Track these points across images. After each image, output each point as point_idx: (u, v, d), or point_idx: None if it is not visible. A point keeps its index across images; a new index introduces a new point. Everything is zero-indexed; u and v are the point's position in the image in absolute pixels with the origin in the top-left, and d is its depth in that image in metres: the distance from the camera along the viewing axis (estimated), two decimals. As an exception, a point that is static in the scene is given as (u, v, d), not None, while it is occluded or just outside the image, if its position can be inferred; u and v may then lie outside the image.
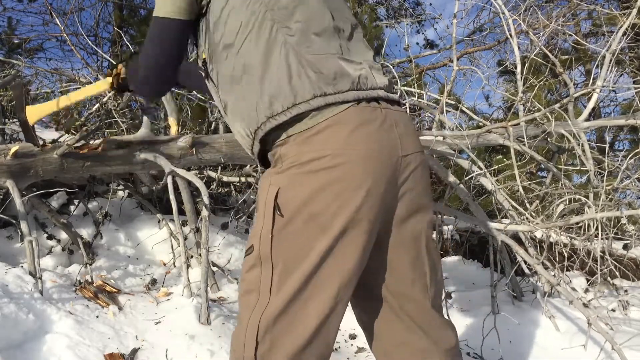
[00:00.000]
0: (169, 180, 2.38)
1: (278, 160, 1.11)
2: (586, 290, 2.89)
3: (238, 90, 1.16)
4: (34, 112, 1.92)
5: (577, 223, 2.23)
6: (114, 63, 1.81)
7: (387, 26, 6.02)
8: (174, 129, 2.79)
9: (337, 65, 1.11)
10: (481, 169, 2.45)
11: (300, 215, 1.05)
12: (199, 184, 2.24)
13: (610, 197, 2.32)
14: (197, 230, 2.72)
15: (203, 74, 1.27)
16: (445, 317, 1.27)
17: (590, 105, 2.54)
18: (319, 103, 1.06)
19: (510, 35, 2.46)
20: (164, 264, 3.00)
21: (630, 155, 2.34)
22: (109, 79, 1.68)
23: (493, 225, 2.37)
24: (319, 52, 1.11)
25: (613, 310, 2.71)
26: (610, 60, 2.43)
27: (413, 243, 1.17)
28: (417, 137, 1.20)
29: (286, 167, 1.08)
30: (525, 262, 2.44)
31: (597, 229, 2.24)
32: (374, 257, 1.14)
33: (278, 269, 1.07)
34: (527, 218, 2.30)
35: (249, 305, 1.09)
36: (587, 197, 2.29)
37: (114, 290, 2.36)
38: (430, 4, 7.06)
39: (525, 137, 2.39)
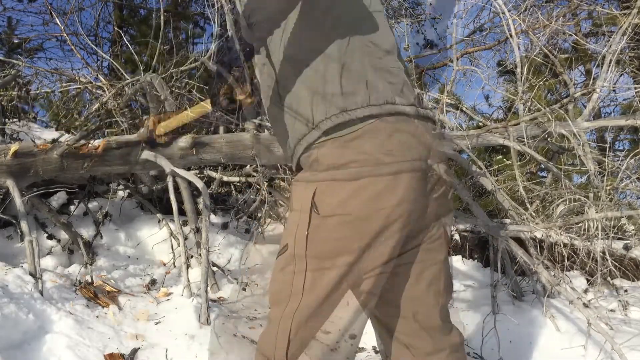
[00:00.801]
0: (170, 180, 2.38)
1: (314, 162, 1.12)
2: (586, 291, 2.89)
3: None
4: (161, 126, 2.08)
5: (577, 223, 2.23)
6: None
7: (386, 26, 6.00)
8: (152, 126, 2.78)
9: (383, 79, 1.15)
10: (481, 168, 2.45)
11: (336, 216, 1.07)
12: (199, 184, 2.24)
13: (610, 197, 2.32)
14: (197, 230, 2.72)
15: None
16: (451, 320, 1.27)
17: (591, 105, 2.54)
18: (364, 113, 1.09)
19: (511, 35, 2.46)
20: (164, 264, 3.00)
21: (630, 156, 2.34)
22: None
23: (493, 225, 2.37)
24: (371, 65, 1.15)
25: (612, 310, 2.71)
26: (610, 60, 2.43)
27: (435, 247, 1.20)
28: (442, 148, 1.23)
29: (323, 169, 1.10)
30: (525, 262, 2.44)
31: (597, 229, 2.24)
32: (396, 259, 1.16)
33: (312, 267, 1.08)
34: (527, 218, 2.30)
35: (281, 304, 1.11)
36: (587, 197, 2.29)
37: (114, 290, 2.36)
38: (430, 4, 7.04)
39: (525, 137, 2.39)
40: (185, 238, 2.57)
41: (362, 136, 1.08)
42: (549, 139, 2.54)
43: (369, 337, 2.41)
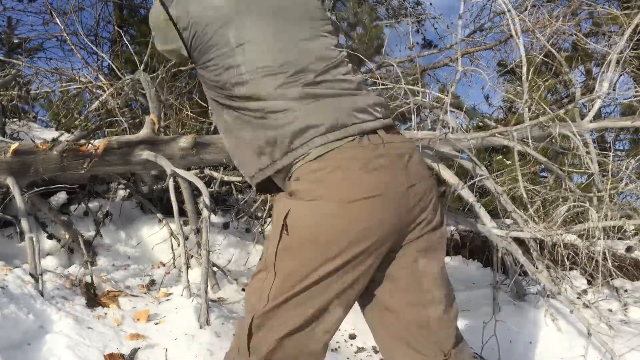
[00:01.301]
0: (170, 181, 2.38)
1: (292, 192, 1.19)
2: (585, 291, 2.89)
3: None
4: None
5: (579, 231, 2.23)
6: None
7: (387, 26, 6.00)
8: (156, 127, 2.77)
9: (332, 106, 1.19)
10: (484, 173, 2.45)
11: (304, 239, 1.15)
12: (200, 185, 2.23)
13: (614, 201, 2.31)
14: (198, 231, 2.72)
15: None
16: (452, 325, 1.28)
17: (595, 108, 2.53)
18: (322, 149, 1.15)
19: (516, 33, 2.45)
20: (164, 265, 2.99)
21: (637, 158, 2.33)
22: None
23: (495, 231, 2.36)
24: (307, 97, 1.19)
25: (611, 310, 2.71)
26: (618, 61, 2.42)
27: (428, 259, 1.23)
28: (422, 163, 1.25)
29: (299, 197, 1.17)
30: (528, 262, 2.43)
31: (599, 232, 2.23)
32: (390, 273, 1.22)
33: (279, 279, 1.17)
34: (528, 222, 2.29)
35: (252, 303, 1.22)
36: (590, 200, 2.29)
37: (114, 290, 2.36)
38: (431, 4, 7.03)
39: (529, 138, 2.38)
40: (186, 238, 2.57)
41: (333, 172, 1.14)
42: (553, 141, 2.53)
43: (368, 337, 2.41)
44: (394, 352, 1.27)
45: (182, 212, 2.81)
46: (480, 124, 4.12)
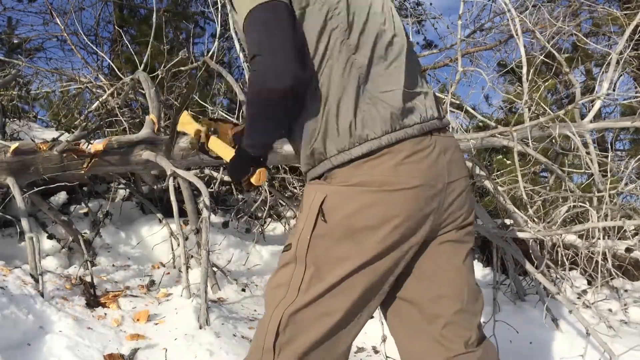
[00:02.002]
0: (170, 181, 2.38)
1: (328, 177, 1.17)
2: (585, 291, 2.89)
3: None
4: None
5: (579, 231, 2.22)
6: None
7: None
8: (155, 126, 2.77)
9: (401, 100, 1.16)
10: (484, 172, 2.45)
11: (341, 226, 1.12)
12: (200, 185, 2.23)
13: (614, 201, 2.31)
14: (198, 231, 2.72)
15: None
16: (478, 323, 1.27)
17: (595, 108, 2.53)
18: (389, 140, 1.12)
19: (517, 34, 2.44)
20: (164, 265, 2.99)
21: (637, 159, 2.33)
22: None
23: (495, 231, 2.36)
24: (386, 87, 1.16)
25: (610, 310, 2.71)
26: (618, 61, 2.42)
27: (454, 253, 1.23)
28: (464, 162, 1.25)
29: (335, 183, 1.15)
30: (528, 262, 2.43)
31: (599, 237, 2.23)
32: (417, 265, 1.21)
33: (310, 270, 1.13)
34: (528, 222, 2.29)
35: (276, 297, 1.16)
36: (590, 200, 2.28)
37: (114, 290, 2.36)
38: (431, 4, 7.04)
39: (530, 138, 2.37)
40: (186, 238, 2.56)
41: (372, 162, 1.12)
42: (553, 141, 2.53)
43: (368, 337, 2.41)
44: (414, 345, 1.26)
45: (182, 212, 2.81)
46: (481, 124, 4.13)
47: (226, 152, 1.40)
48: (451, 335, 1.21)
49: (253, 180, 1.27)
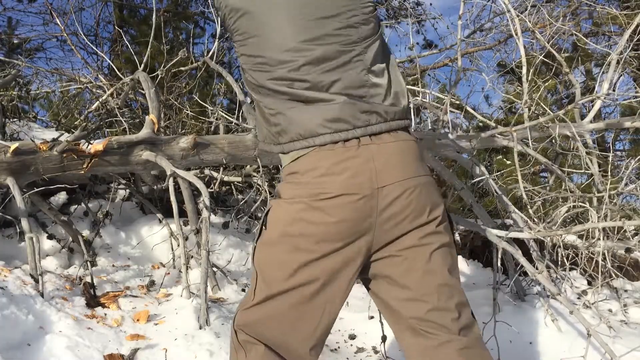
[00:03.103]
0: (170, 181, 2.38)
1: (276, 192, 1.31)
2: (585, 292, 2.88)
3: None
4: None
5: (579, 232, 2.22)
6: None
7: (387, 26, 6.01)
8: (155, 127, 2.77)
9: (308, 115, 1.25)
10: (484, 173, 2.45)
11: (278, 234, 1.24)
12: (200, 185, 2.23)
13: (614, 202, 2.31)
14: (198, 232, 2.72)
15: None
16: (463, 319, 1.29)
17: (595, 108, 2.53)
18: (292, 147, 1.25)
19: (516, 34, 2.44)
20: (164, 265, 2.99)
21: (637, 159, 2.32)
22: None
23: (495, 232, 2.36)
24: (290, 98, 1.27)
25: (610, 310, 2.70)
26: (618, 61, 2.42)
27: (420, 260, 1.26)
28: (406, 165, 1.26)
29: (277, 194, 1.29)
30: (528, 262, 2.43)
31: (599, 237, 2.23)
32: (383, 272, 1.28)
33: (258, 275, 1.27)
34: (528, 222, 2.29)
35: (244, 300, 1.31)
36: (590, 200, 2.28)
37: (114, 291, 2.36)
38: (431, 4, 7.03)
39: (530, 138, 2.37)
40: (186, 239, 2.56)
41: (304, 174, 1.23)
42: (553, 141, 2.53)
43: (368, 337, 2.41)
44: (403, 341, 1.32)
45: (182, 213, 2.81)
46: (480, 124, 4.13)
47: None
48: (429, 329, 1.25)
49: None
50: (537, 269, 2.45)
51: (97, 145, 2.47)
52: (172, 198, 2.36)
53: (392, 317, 1.32)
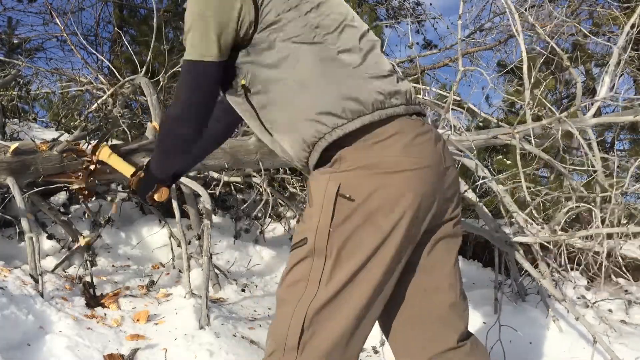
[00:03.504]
0: (172, 187, 2.37)
1: (335, 162, 1.15)
2: (587, 289, 2.88)
3: (291, 108, 1.18)
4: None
5: (584, 236, 2.22)
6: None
7: (387, 26, 6.01)
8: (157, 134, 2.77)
9: (387, 82, 1.19)
10: (487, 174, 2.44)
11: (358, 211, 1.10)
12: (201, 191, 2.23)
13: (618, 201, 2.30)
14: (199, 237, 2.72)
15: (240, 99, 1.26)
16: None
17: (596, 105, 2.52)
18: (380, 115, 1.13)
19: (517, 31, 2.44)
20: (164, 265, 2.99)
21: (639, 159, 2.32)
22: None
23: (497, 235, 2.35)
24: (372, 72, 1.18)
25: (610, 310, 2.70)
26: (618, 61, 2.41)
27: (452, 250, 1.25)
28: (449, 151, 1.25)
29: (344, 168, 1.13)
30: (530, 264, 2.43)
31: (603, 239, 2.23)
32: (416, 260, 1.22)
33: (331, 260, 1.11)
34: (531, 223, 2.29)
35: (295, 294, 1.13)
36: (594, 201, 2.28)
37: (114, 291, 2.36)
38: (431, 4, 7.04)
39: (532, 136, 2.36)
40: (189, 243, 2.56)
41: (384, 140, 1.13)
42: (555, 137, 2.52)
43: (368, 337, 2.41)
44: (406, 340, 1.26)
45: (183, 213, 2.81)
46: (481, 123, 4.12)
47: (126, 169, 1.75)
48: (444, 330, 1.22)
49: (156, 197, 1.47)
50: (538, 269, 2.44)
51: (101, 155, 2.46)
52: (175, 205, 2.35)
53: (406, 307, 1.24)
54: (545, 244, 2.31)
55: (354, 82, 1.15)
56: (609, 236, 2.29)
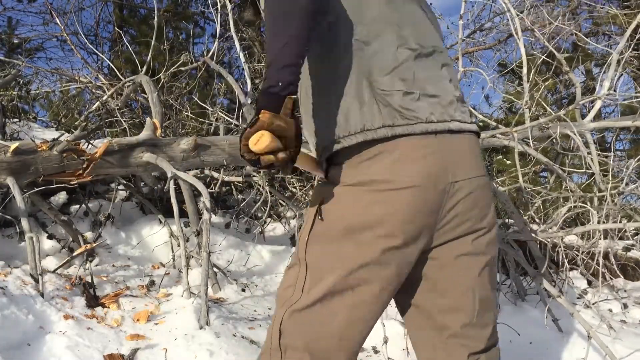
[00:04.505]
0: (171, 183, 2.38)
1: (329, 177, 1.17)
2: (585, 291, 2.89)
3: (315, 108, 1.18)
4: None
5: (580, 233, 2.22)
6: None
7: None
8: (157, 132, 2.78)
9: (404, 101, 1.13)
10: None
11: (338, 226, 1.11)
12: (201, 187, 2.23)
13: (615, 202, 2.30)
14: (198, 233, 2.72)
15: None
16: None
17: (596, 108, 2.52)
18: (385, 133, 1.10)
19: (516, 33, 2.44)
20: (164, 265, 2.99)
21: (637, 159, 2.32)
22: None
23: (496, 234, 2.36)
24: (390, 88, 1.13)
25: (611, 310, 2.70)
26: (618, 61, 2.41)
27: (472, 269, 1.19)
28: (477, 163, 1.20)
29: (332, 182, 1.15)
30: (529, 262, 2.43)
31: (600, 237, 2.23)
32: (432, 278, 1.19)
33: (310, 271, 1.13)
34: (529, 223, 2.29)
35: (284, 298, 1.16)
36: (591, 200, 2.28)
37: (114, 291, 2.36)
38: (431, 4, 7.02)
39: (530, 138, 2.36)
40: (187, 240, 2.56)
41: (373, 158, 1.10)
42: (553, 141, 2.53)
43: (368, 337, 2.41)
44: (419, 350, 1.26)
45: (183, 213, 2.81)
46: (481, 124, 4.13)
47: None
48: (454, 347, 1.20)
49: (251, 140, 0.98)
50: (536, 268, 2.45)
51: (97, 148, 2.47)
52: (173, 200, 2.36)
53: (418, 323, 1.23)
54: (545, 241, 2.31)
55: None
56: (606, 235, 2.29)
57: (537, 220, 2.37)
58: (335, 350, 1.12)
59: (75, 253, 2.54)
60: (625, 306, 2.71)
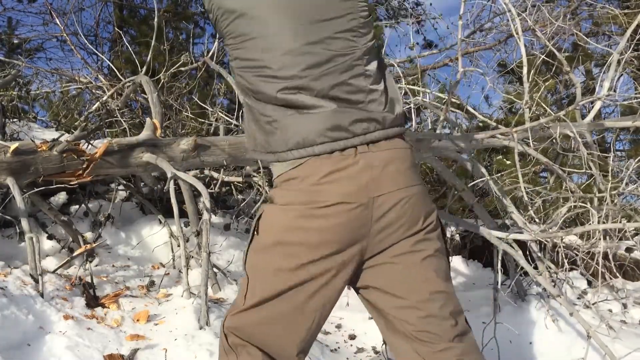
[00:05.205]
0: (171, 184, 2.37)
1: (271, 196, 1.30)
2: (585, 291, 2.88)
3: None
4: None
5: (580, 233, 2.22)
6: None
7: (386, 26, 6.01)
8: (157, 132, 2.78)
9: (306, 124, 1.23)
10: (485, 174, 2.45)
11: (270, 241, 1.24)
12: (201, 187, 2.23)
13: (615, 202, 2.30)
14: (198, 233, 2.72)
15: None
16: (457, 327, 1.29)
17: (596, 108, 2.53)
18: (288, 156, 1.22)
19: (517, 33, 2.44)
20: (164, 265, 2.99)
21: (637, 159, 2.32)
22: None
23: (495, 233, 2.36)
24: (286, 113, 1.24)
25: (611, 310, 2.70)
26: (618, 61, 2.41)
27: (413, 266, 1.26)
28: (402, 174, 1.25)
29: (270, 199, 1.29)
30: (529, 262, 2.43)
31: (600, 238, 2.23)
32: (380, 282, 1.27)
33: (249, 280, 1.28)
34: (528, 223, 2.29)
35: (233, 305, 1.32)
36: (591, 201, 2.28)
37: (114, 291, 2.36)
38: (431, 4, 7.03)
39: (530, 138, 2.37)
40: (187, 240, 2.56)
41: (296, 178, 1.22)
42: (553, 141, 2.53)
43: (368, 337, 2.41)
44: (398, 350, 1.30)
45: (183, 213, 2.80)
46: (481, 124, 4.13)
47: None
48: (425, 337, 1.24)
49: None
50: (537, 269, 2.44)
51: (97, 148, 2.47)
52: (173, 200, 2.36)
53: (386, 326, 1.30)
54: (545, 241, 2.31)
55: None
56: (606, 236, 2.29)
57: (537, 220, 2.37)
58: (283, 344, 1.25)
59: (75, 253, 2.54)
60: (625, 306, 2.71)
